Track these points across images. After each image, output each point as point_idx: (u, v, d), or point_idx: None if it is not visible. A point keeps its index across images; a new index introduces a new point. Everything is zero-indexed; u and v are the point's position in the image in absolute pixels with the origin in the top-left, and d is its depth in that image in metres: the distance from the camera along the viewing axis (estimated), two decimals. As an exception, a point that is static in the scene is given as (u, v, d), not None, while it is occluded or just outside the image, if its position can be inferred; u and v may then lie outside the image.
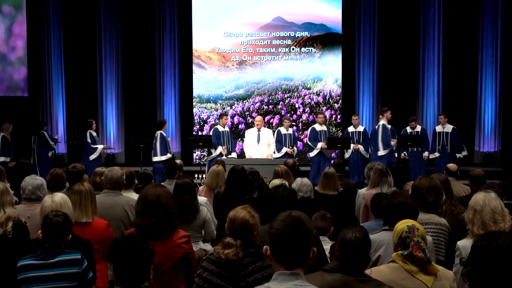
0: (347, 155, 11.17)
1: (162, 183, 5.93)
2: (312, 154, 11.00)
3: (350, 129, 11.35)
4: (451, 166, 6.58)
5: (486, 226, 3.42)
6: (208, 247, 4.84)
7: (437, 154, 11.25)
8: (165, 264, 3.45)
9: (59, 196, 3.83)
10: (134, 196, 5.11)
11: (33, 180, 4.51)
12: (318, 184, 6.21)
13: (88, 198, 4.13)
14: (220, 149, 10.45)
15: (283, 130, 10.95)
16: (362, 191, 6.03)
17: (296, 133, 11.57)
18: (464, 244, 3.47)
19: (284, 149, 10.72)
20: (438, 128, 11.46)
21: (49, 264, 3.25)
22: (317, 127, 11.13)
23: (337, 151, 11.39)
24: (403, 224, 3.01)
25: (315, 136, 11.00)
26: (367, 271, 2.76)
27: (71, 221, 3.45)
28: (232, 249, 3.01)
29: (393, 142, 11.01)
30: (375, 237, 3.46)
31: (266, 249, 2.10)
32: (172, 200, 3.58)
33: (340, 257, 2.59)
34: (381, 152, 10.96)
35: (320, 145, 10.83)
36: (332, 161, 9.41)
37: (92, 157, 11.33)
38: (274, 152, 10.34)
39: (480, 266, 2.33)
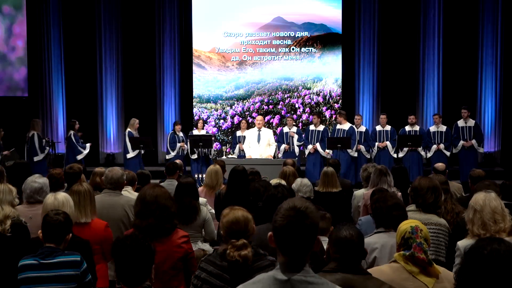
0: (353, 154, 11.22)
1: (162, 183, 5.94)
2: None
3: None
4: (439, 165, 6.60)
5: (486, 226, 3.41)
6: (206, 246, 4.83)
7: (442, 146, 11.26)
8: (165, 264, 3.44)
9: (62, 195, 3.84)
10: (134, 195, 5.10)
11: (32, 184, 4.45)
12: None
13: (87, 198, 4.12)
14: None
15: (285, 129, 11.27)
16: (359, 192, 6.04)
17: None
18: (464, 244, 3.46)
19: (283, 146, 11.07)
20: (433, 128, 11.51)
21: (49, 264, 3.24)
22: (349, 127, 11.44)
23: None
24: (406, 225, 3.00)
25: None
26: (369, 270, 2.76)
27: (71, 220, 3.44)
28: (249, 249, 2.95)
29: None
30: (368, 240, 3.45)
31: (271, 236, 2.06)
32: (171, 200, 3.57)
33: (338, 256, 2.58)
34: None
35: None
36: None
37: (79, 157, 11.34)
38: (275, 156, 10.32)
39: (469, 274, 2.28)
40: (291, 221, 2.01)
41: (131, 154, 11.19)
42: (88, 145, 11.56)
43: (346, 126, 11.27)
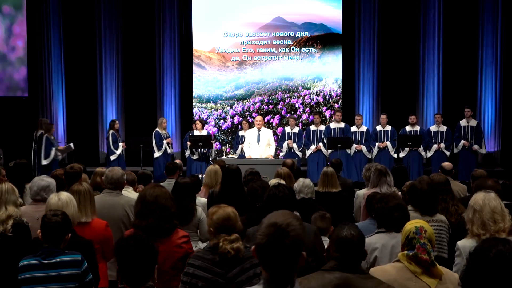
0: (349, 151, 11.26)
1: (162, 183, 5.94)
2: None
3: (353, 129, 11.45)
4: (446, 165, 6.58)
5: (486, 225, 3.41)
6: (207, 246, 4.82)
7: (442, 145, 11.26)
8: (165, 265, 3.44)
9: (65, 195, 3.83)
10: (135, 195, 5.10)
11: (40, 181, 4.47)
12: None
13: (87, 198, 4.12)
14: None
15: (287, 129, 11.39)
16: (361, 192, 6.04)
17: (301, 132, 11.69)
18: (464, 244, 3.46)
19: (285, 143, 11.13)
20: (433, 128, 11.52)
21: (49, 264, 3.24)
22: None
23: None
24: (411, 225, 3.01)
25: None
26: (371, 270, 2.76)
27: (70, 220, 3.43)
28: (241, 242, 3.04)
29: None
30: (369, 240, 3.46)
31: (253, 249, 1.99)
32: (171, 200, 3.57)
33: (338, 255, 2.59)
34: None
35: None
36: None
37: (113, 157, 11.23)
38: (277, 156, 10.34)
39: (475, 276, 2.27)
40: (270, 240, 1.91)
41: (157, 154, 11.26)
42: (121, 144, 11.37)
43: (341, 124, 11.36)
